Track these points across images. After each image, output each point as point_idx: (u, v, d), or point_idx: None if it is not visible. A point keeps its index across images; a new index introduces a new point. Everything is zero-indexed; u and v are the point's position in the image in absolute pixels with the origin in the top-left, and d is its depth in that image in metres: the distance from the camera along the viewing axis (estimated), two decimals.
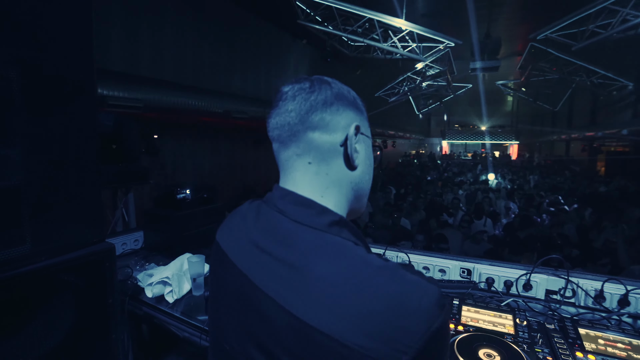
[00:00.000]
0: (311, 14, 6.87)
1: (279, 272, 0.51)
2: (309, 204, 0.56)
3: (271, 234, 0.55)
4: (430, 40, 7.91)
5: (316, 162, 0.58)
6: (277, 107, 0.60)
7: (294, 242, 0.52)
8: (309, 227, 0.53)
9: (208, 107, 6.34)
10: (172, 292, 1.52)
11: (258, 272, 0.54)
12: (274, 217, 0.57)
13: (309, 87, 0.59)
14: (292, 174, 0.60)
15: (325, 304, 0.45)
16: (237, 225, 0.64)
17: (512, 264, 1.54)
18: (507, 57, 12.21)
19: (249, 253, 0.57)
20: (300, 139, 0.58)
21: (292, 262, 0.50)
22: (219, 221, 2.36)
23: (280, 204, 0.58)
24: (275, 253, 0.53)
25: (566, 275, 1.43)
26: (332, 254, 0.48)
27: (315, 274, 0.47)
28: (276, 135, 0.61)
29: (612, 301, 1.40)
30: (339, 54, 9.08)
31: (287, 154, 0.60)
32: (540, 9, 7.77)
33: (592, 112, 15.77)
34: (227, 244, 0.63)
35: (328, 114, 0.58)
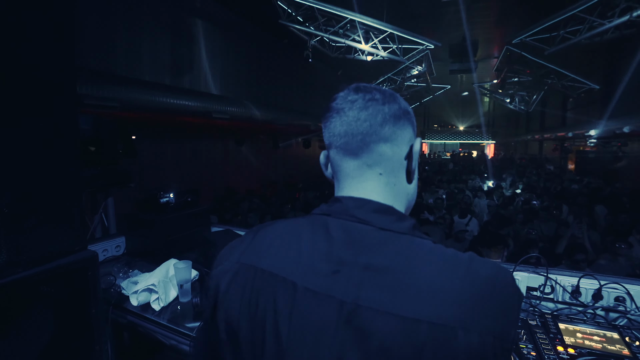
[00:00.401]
0: (292, 14, 6.86)
1: (377, 280, 0.49)
2: (390, 211, 0.57)
3: (359, 245, 0.52)
4: (410, 42, 8.07)
5: (386, 174, 0.60)
6: (342, 114, 0.59)
7: (387, 248, 0.51)
8: (396, 233, 0.53)
9: (187, 107, 6.22)
10: (158, 300, 1.48)
11: (350, 288, 0.49)
12: (355, 227, 0.54)
13: (381, 98, 0.59)
14: (362, 183, 0.60)
15: (441, 298, 0.46)
16: (288, 245, 0.56)
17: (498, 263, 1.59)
18: (484, 59, 12.60)
19: (331, 272, 0.51)
20: (372, 150, 0.58)
21: (391, 267, 0.49)
22: (203, 224, 2.33)
23: (359, 213, 0.55)
24: (368, 263, 0.50)
25: (545, 273, 1.49)
26: (428, 252, 0.51)
27: (420, 273, 0.48)
28: (342, 143, 0.59)
29: (587, 296, 1.48)
30: (320, 55, 9.12)
31: (356, 164, 0.60)
32: (515, 15, 8.06)
33: (562, 113, 16.49)
34: (282, 268, 0.53)
35: (398, 127, 0.59)
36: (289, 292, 0.51)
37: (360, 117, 0.58)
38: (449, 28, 9.36)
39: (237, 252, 0.59)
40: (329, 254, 0.52)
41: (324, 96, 14.21)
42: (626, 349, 1.08)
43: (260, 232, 0.61)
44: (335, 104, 0.61)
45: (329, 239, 0.53)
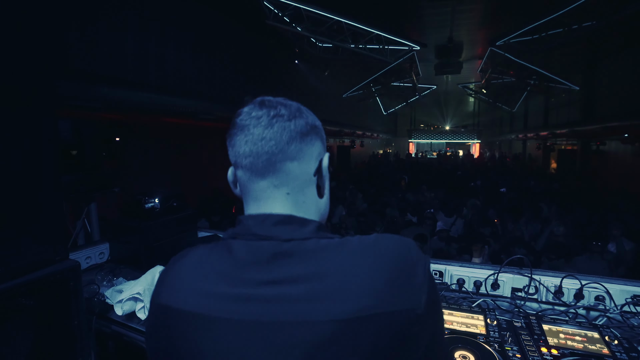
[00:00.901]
0: (279, 15, 6.83)
1: (290, 292, 0.49)
2: (291, 220, 0.56)
3: (263, 262, 0.52)
4: (396, 43, 8.16)
5: (294, 193, 0.58)
6: (247, 132, 0.56)
7: (293, 258, 0.51)
8: (300, 240, 0.53)
9: (172, 107, 6.12)
10: (144, 309, 1.45)
11: (264, 307, 0.49)
12: (257, 246, 0.53)
13: (286, 114, 0.57)
14: (268, 204, 0.58)
15: (352, 291, 0.47)
16: (197, 277, 0.54)
17: (481, 265, 1.62)
18: (469, 60, 12.81)
19: (242, 296, 0.50)
20: (279, 170, 0.57)
21: (301, 275, 0.49)
22: (190, 230, 2.30)
23: (260, 230, 0.55)
24: (276, 278, 0.50)
25: (529, 274, 1.53)
26: (335, 250, 0.52)
27: (330, 272, 0.49)
28: (248, 163, 0.57)
29: (570, 295, 1.52)
30: (307, 55, 9.12)
31: (262, 185, 0.58)
32: (498, 17, 8.21)
33: (544, 113, 16.92)
34: (195, 303, 0.52)
35: (305, 144, 0.58)
36: (204, 326, 0.50)
37: (265, 136, 0.55)
38: (435, 29, 9.48)
39: (155, 292, 0.58)
40: (235, 278, 0.51)
41: (310, 96, 14.20)
42: (606, 347, 1.12)
43: (175, 265, 0.58)
44: (239, 119, 0.58)
45: (234, 263, 0.53)
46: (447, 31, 9.66)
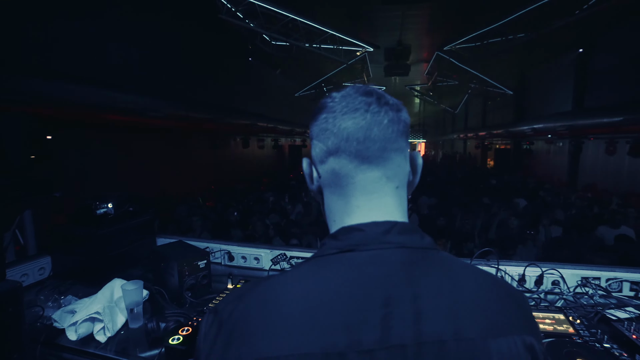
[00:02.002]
0: (232, 10, 6.59)
1: (432, 308, 0.43)
2: (414, 230, 0.51)
3: (401, 273, 0.45)
4: (349, 44, 8.31)
5: (401, 187, 0.55)
6: (357, 115, 0.50)
7: (430, 270, 0.47)
8: (431, 250, 0.50)
9: (118, 104, 5.60)
10: (104, 329, 1.28)
11: (407, 328, 0.42)
12: (388, 257, 0.47)
13: (395, 105, 0.53)
14: (381, 199, 0.52)
15: (490, 312, 0.45)
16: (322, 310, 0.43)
17: None
18: (416, 63, 13.47)
19: (380, 318, 0.42)
20: (391, 160, 0.52)
21: (441, 289, 0.45)
22: (148, 236, 2.11)
23: (391, 238, 0.48)
24: (417, 292, 0.44)
25: (497, 265, 1.62)
26: (463, 268, 0.49)
27: (468, 290, 0.46)
28: (359, 149, 0.50)
29: (531, 282, 1.64)
30: (260, 53, 8.93)
31: (373, 175, 0.51)
32: (444, 24, 8.73)
33: (483, 115, 18.41)
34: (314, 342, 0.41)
35: (408, 138, 0.55)
36: None
37: (382, 121, 0.50)
38: (385, 33, 9.82)
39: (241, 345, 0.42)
40: (369, 297, 0.43)
41: (263, 94, 13.95)
42: (571, 327, 1.22)
43: (269, 302, 0.45)
44: (338, 104, 0.52)
45: (364, 278, 0.45)
46: (396, 35, 10.07)
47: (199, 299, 1.55)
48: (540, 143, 12.84)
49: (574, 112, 9.17)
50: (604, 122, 7.31)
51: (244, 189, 8.98)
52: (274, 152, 15.50)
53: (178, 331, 1.18)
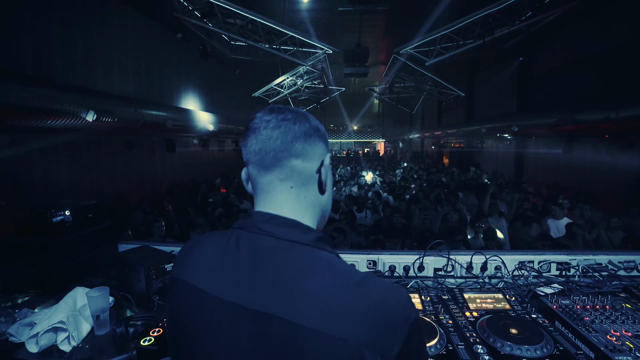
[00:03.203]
0: (189, 8, 6.42)
1: (277, 289, 0.54)
2: (295, 224, 0.62)
3: (260, 256, 0.58)
4: (309, 45, 8.40)
5: (297, 187, 0.65)
6: (257, 133, 0.64)
7: (286, 257, 0.57)
8: (299, 244, 0.59)
9: (59, 105, 5.18)
10: (68, 339, 1.26)
11: (253, 297, 0.55)
12: (259, 240, 0.60)
13: (292, 118, 0.64)
14: (274, 197, 0.65)
15: (326, 308, 0.51)
16: (211, 258, 0.63)
17: (408, 252, 1.84)
18: (374, 65, 13.93)
19: (238, 282, 0.57)
20: (284, 165, 0.64)
21: (289, 277, 0.55)
22: (109, 243, 2.05)
23: (266, 227, 0.61)
24: (268, 274, 0.56)
25: (447, 255, 1.79)
26: (324, 266, 0.56)
27: (313, 283, 0.54)
28: (258, 159, 0.64)
29: (477, 268, 1.83)
30: (217, 52, 8.76)
31: (269, 178, 0.65)
32: (400, 28, 9.14)
33: (438, 115, 19.40)
34: (204, 281, 0.61)
35: (308, 144, 0.65)
36: (205, 299, 0.59)
37: (272, 135, 0.63)
38: (344, 35, 10.07)
39: (177, 267, 0.67)
40: (234, 266, 0.59)
41: (221, 95, 13.67)
42: (507, 304, 1.41)
43: (190, 247, 0.68)
44: (251, 123, 0.66)
45: (238, 252, 0.60)
46: (355, 37, 10.36)
47: (167, 301, 1.56)
48: (490, 142, 13.80)
49: (516, 114, 9.99)
50: (542, 123, 8.05)
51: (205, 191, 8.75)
52: (235, 153, 15.23)
53: (149, 333, 1.21)
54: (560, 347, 1.10)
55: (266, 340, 0.52)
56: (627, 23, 6.75)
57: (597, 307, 1.36)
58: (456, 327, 1.21)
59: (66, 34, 6.13)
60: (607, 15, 7.33)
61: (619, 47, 7.05)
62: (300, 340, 0.50)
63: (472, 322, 1.24)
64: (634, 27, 6.56)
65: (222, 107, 13.28)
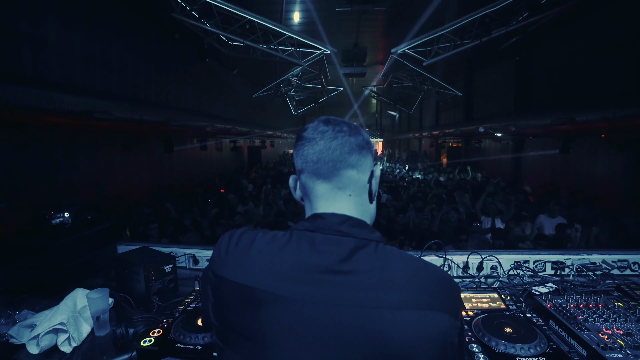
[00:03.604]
0: (187, 8, 6.42)
1: (362, 281, 0.58)
2: (365, 225, 0.67)
3: (345, 255, 0.61)
4: (307, 46, 8.41)
5: (355, 195, 0.70)
6: (314, 143, 0.67)
7: (369, 256, 0.61)
8: (374, 242, 0.63)
9: (60, 105, 5.19)
10: (69, 340, 1.28)
11: (338, 294, 0.58)
12: (340, 241, 0.63)
13: (347, 130, 0.68)
14: (335, 203, 0.68)
15: (412, 289, 0.58)
16: (276, 259, 0.63)
17: (405, 253, 1.85)
18: (372, 65, 13.93)
19: (322, 282, 0.59)
20: (342, 175, 0.67)
21: (372, 269, 0.59)
22: (109, 244, 2.06)
23: (343, 228, 0.64)
24: (353, 268, 0.59)
25: (444, 255, 1.82)
26: (397, 257, 0.63)
27: (396, 271, 0.60)
28: (315, 168, 0.68)
29: (473, 268, 1.86)
30: (216, 52, 8.76)
31: (327, 187, 0.68)
32: (398, 27, 9.15)
33: (436, 115, 19.45)
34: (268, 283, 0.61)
35: (362, 156, 0.69)
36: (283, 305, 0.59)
37: (331, 146, 0.67)
38: (342, 35, 10.07)
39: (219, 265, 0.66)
40: (312, 266, 0.61)
41: (220, 95, 13.66)
42: (502, 303, 1.43)
43: (245, 244, 0.66)
44: (306, 133, 0.69)
45: (316, 253, 0.62)
46: (353, 37, 10.37)
47: (167, 302, 1.57)
48: (488, 141, 13.87)
49: (514, 113, 10.03)
50: (538, 123, 8.09)
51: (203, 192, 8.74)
52: (233, 153, 15.22)
53: (149, 333, 1.22)
54: (553, 346, 1.12)
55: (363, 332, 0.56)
56: (624, 23, 6.80)
57: (590, 306, 1.39)
58: None
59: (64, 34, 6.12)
60: (604, 15, 7.39)
61: (615, 47, 7.10)
62: (399, 321, 0.55)
63: (467, 321, 1.26)
64: (630, 27, 6.61)
65: (220, 107, 13.28)
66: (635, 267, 1.95)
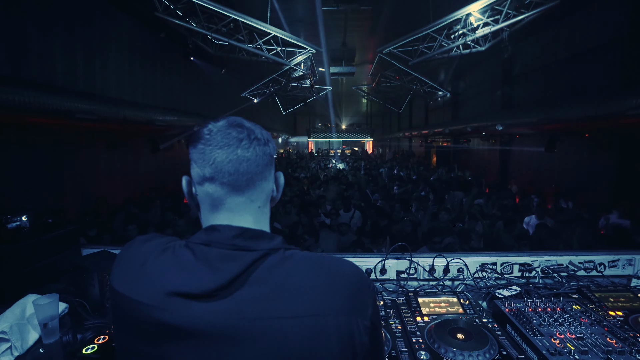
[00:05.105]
0: (171, 7, 6.33)
1: (258, 293, 0.56)
2: (263, 234, 0.64)
3: (240, 270, 0.57)
4: (293, 45, 8.36)
5: (263, 205, 0.68)
6: (227, 149, 0.61)
7: (268, 265, 0.59)
8: (273, 250, 0.61)
9: (39, 104, 5.07)
10: (10, 349, 1.23)
11: (243, 309, 0.55)
12: (234, 255, 0.59)
13: (262, 139, 0.65)
14: (243, 215, 0.65)
15: (308, 295, 0.57)
16: (172, 275, 0.58)
17: (370, 254, 1.85)
18: (361, 64, 13.94)
19: (218, 299, 0.56)
20: (256, 187, 0.65)
21: (269, 279, 0.57)
22: (71, 248, 2.01)
23: (239, 242, 0.60)
24: (246, 280, 0.57)
25: (410, 257, 1.81)
26: (298, 261, 0.61)
27: (294, 278, 0.58)
28: (230, 180, 0.62)
29: (440, 271, 1.85)
30: (202, 52, 8.66)
31: (240, 199, 0.64)
32: (385, 27, 9.16)
33: (425, 114, 19.54)
34: (166, 299, 0.56)
35: (271, 165, 0.67)
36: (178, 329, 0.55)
37: (246, 156, 0.62)
38: (330, 34, 10.04)
39: (113, 275, 0.64)
40: (213, 282, 0.56)
41: (207, 94, 13.52)
42: (461, 308, 1.42)
43: (128, 259, 0.64)
44: (215, 136, 0.63)
45: (213, 270, 0.57)
46: (341, 36, 10.35)
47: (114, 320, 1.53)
48: (476, 140, 13.98)
49: (501, 113, 10.12)
50: (524, 121, 8.17)
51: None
52: None
53: (94, 340, 1.18)
54: (503, 352, 1.11)
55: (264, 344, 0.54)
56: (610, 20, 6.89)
57: (548, 310, 1.39)
58: (404, 332, 1.21)
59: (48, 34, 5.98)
60: (588, 14, 7.48)
61: (600, 46, 7.20)
62: (298, 329, 0.54)
63: (421, 327, 1.24)
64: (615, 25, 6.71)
65: (208, 106, 13.14)
66: (601, 268, 1.96)
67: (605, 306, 1.42)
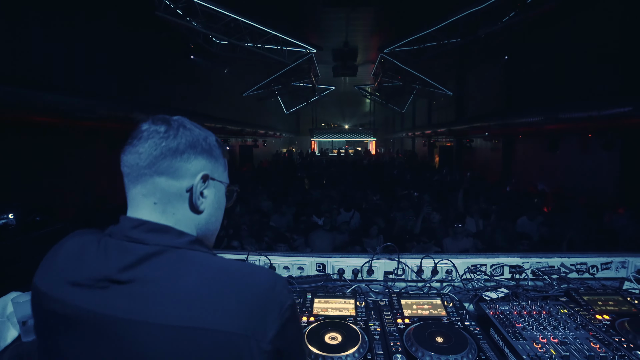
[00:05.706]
0: (171, 7, 6.34)
1: (147, 294, 0.53)
2: (167, 229, 0.60)
3: (126, 262, 0.55)
4: (294, 45, 8.36)
5: (162, 204, 0.62)
6: (131, 144, 0.62)
7: (153, 262, 0.55)
8: (171, 247, 0.58)
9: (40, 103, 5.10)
10: None
11: (120, 305, 0.53)
12: (127, 247, 0.58)
13: (164, 131, 0.61)
14: (140, 210, 0.63)
15: (198, 303, 0.52)
16: (71, 265, 0.60)
17: (358, 254, 1.83)
18: (364, 64, 13.90)
19: (102, 290, 0.55)
20: (146, 182, 0.62)
21: (154, 278, 0.54)
22: None
23: (134, 234, 0.58)
24: (132, 277, 0.54)
25: (397, 258, 1.78)
26: (198, 265, 0.56)
27: (185, 283, 0.53)
28: (126, 172, 0.63)
29: (428, 272, 1.82)
30: (205, 52, 8.69)
31: (134, 192, 0.63)
32: (387, 26, 9.11)
33: (428, 114, 19.44)
34: (60, 289, 0.58)
35: (178, 161, 0.62)
36: (63, 308, 0.56)
37: (139, 150, 0.61)
38: (332, 34, 10.02)
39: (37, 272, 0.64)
40: (99, 273, 0.56)
41: (210, 94, 13.55)
42: (444, 310, 1.39)
43: (52, 253, 0.65)
44: (133, 132, 0.64)
45: (104, 257, 0.58)
46: (343, 36, 10.32)
47: None
48: (479, 140, 13.88)
49: (504, 113, 10.03)
50: (527, 122, 8.10)
51: None
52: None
53: None
54: (482, 356, 1.09)
55: (133, 348, 0.51)
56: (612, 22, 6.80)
57: (534, 313, 1.36)
58: (383, 335, 1.19)
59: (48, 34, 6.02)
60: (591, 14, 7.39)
61: (603, 45, 7.11)
62: (173, 340, 0.50)
63: (401, 329, 1.22)
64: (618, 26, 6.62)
65: (211, 106, 13.18)
66: (593, 271, 1.92)
67: (592, 310, 1.39)
